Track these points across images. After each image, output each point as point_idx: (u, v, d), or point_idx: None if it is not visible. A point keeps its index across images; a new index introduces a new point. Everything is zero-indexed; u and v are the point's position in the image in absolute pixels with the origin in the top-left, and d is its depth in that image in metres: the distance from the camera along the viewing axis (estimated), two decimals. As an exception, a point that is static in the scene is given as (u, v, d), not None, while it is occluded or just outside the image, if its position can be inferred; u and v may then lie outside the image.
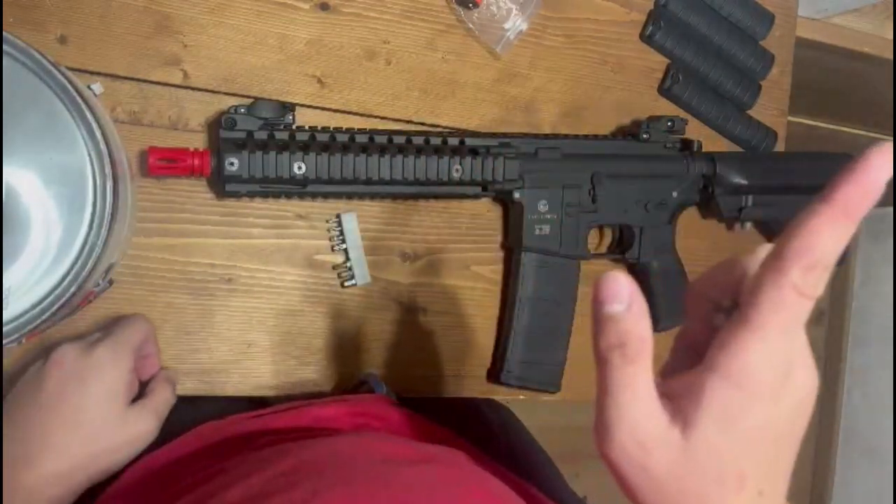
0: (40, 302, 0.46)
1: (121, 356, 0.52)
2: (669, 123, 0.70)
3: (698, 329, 0.34)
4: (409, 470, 0.40)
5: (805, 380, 0.30)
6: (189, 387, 0.61)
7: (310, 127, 0.60)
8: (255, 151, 0.57)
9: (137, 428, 0.51)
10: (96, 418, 0.49)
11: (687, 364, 0.32)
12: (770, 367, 0.29)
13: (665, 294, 0.72)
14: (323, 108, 0.64)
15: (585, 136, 0.69)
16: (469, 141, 0.63)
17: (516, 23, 0.68)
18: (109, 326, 0.55)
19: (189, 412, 0.55)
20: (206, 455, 0.50)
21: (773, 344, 0.29)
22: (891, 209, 1.71)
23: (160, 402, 0.54)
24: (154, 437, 0.52)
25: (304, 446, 0.44)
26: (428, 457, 0.44)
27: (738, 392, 0.29)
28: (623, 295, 0.28)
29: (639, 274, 0.73)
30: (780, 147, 0.80)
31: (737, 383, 0.29)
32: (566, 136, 0.68)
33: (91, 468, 0.50)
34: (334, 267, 0.65)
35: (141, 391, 0.55)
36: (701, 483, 0.30)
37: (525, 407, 0.76)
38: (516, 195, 0.65)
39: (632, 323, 0.29)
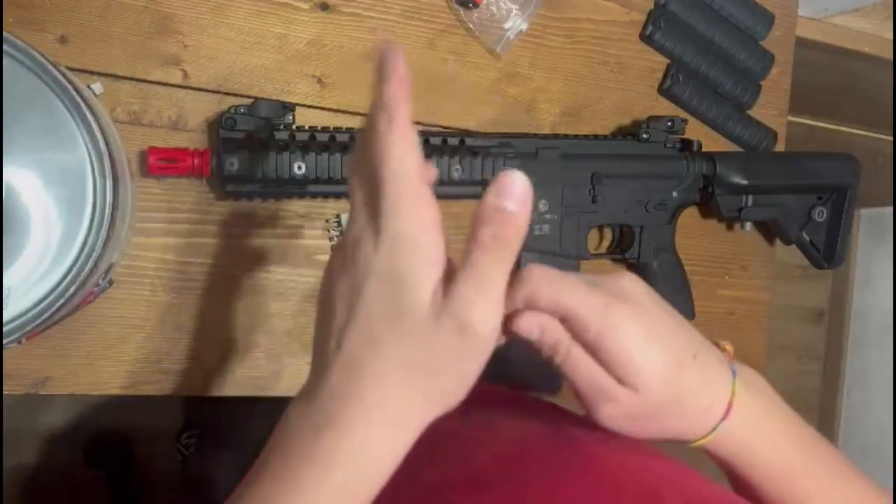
0: (40, 302, 0.46)
1: (419, 216, 0.33)
2: (669, 123, 0.70)
3: None
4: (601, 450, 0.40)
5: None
6: (189, 387, 0.61)
7: (310, 127, 0.60)
8: (255, 151, 0.57)
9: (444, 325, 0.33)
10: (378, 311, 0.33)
11: None
12: None
13: (665, 294, 0.71)
14: (323, 108, 0.64)
15: (585, 136, 0.69)
16: (469, 141, 0.63)
17: (516, 23, 0.68)
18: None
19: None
20: None
21: None
22: (891, 209, 1.71)
23: (466, 294, 0.32)
24: (490, 341, 0.34)
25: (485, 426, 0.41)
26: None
27: None
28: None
29: (639, 274, 0.73)
30: (780, 147, 0.80)
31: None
32: (566, 136, 0.68)
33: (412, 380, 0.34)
34: (334, 267, 0.65)
35: None
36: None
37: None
38: (516, 195, 0.65)
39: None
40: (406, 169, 0.32)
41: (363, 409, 0.33)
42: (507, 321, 0.37)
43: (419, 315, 0.32)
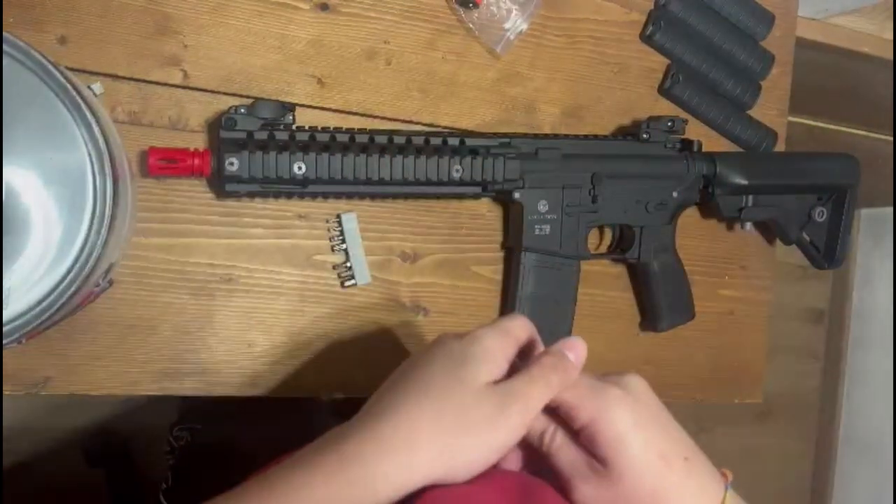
0: (40, 302, 0.46)
1: (499, 338, 0.43)
2: (669, 123, 0.70)
3: None
4: None
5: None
6: (189, 387, 0.61)
7: (310, 127, 0.60)
8: (255, 151, 0.57)
9: (490, 413, 0.40)
10: (441, 384, 0.41)
11: None
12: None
13: (665, 294, 0.72)
14: (323, 108, 0.64)
15: (585, 137, 0.69)
16: (469, 141, 0.63)
17: (516, 23, 0.68)
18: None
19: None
20: None
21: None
22: (891, 209, 1.71)
23: (518, 388, 0.41)
24: (514, 435, 0.41)
25: None
26: None
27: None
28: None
29: (639, 274, 0.73)
30: (780, 147, 0.80)
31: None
32: (566, 136, 0.68)
33: (437, 443, 0.40)
34: (334, 267, 0.65)
35: None
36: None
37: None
38: (516, 195, 0.65)
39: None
40: (513, 329, 0.44)
41: (394, 432, 0.39)
42: None
43: (470, 385, 0.40)
